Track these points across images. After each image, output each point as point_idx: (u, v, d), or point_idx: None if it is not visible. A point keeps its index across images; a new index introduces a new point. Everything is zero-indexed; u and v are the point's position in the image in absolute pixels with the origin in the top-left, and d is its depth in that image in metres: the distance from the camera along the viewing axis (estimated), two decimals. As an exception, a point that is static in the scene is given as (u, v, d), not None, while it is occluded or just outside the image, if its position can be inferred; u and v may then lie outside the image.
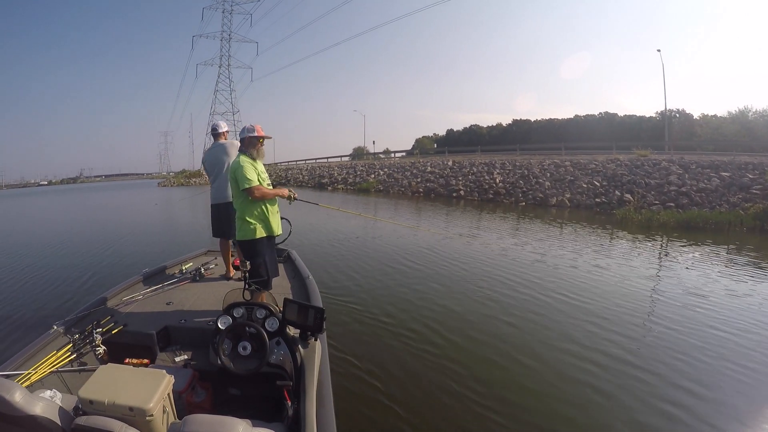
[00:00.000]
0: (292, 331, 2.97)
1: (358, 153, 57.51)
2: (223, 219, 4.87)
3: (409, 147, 56.17)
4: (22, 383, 2.44)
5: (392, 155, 47.53)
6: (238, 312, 2.95)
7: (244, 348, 2.76)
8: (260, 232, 3.69)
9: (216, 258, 5.42)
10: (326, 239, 11.02)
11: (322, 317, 2.81)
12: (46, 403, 1.88)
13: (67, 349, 2.97)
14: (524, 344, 4.73)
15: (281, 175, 45.85)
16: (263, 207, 3.73)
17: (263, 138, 3.83)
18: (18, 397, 1.78)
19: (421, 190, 24.23)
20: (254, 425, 1.98)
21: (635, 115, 48.90)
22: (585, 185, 17.37)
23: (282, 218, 4.05)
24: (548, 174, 20.07)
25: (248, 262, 3.46)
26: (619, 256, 8.55)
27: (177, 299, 4.07)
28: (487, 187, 20.94)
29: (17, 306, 6.51)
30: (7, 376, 2.34)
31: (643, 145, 22.91)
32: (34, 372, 2.65)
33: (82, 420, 1.80)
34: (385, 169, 31.74)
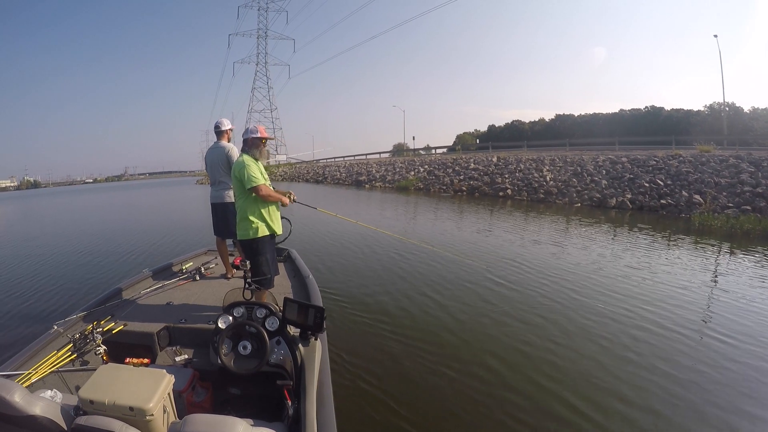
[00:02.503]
0: (293, 331, 2.96)
1: (399, 149, 56.86)
2: (220, 219, 4.94)
3: (449, 143, 54.82)
4: (22, 383, 2.48)
5: (433, 151, 46.58)
6: (238, 311, 2.95)
7: (244, 347, 2.76)
8: (263, 231, 3.72)
9: (216, 257, 5.45)
10: (328, 239, 11.01)
11: (322, 317, 2.81)
12: (46, 403, 1.89)
13: (68, 349, 3.01)
14: (537, 344, 4.67)
15: (319, 173, 45.73)
16: (266, 206, 3.77)
17: (266, 139, 3.91)
18: (18, 397, 1.79)
19: (464, 188, 22.64)
20: (254, 425, 2.01)
21: (682, 109, 46.66)
22: (647, 184, 15.53)
23: (282, 218, 4.08)
24: (604, 171, 18.29)
25: (248, 262, 3.50)
26: (735, 272, 7.08)
27: (177, 299, 4.12)
28: (536, 185, 19.18)
29: (18, 306, 6.60)
30: (8, 376, 2.37)
31: (705, 139, 21.21)
32: (34, 372, 2.68)
33: (82, 420, 1.80)
34: (426, 166, 30.57)
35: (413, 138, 56.89)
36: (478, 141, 54.07)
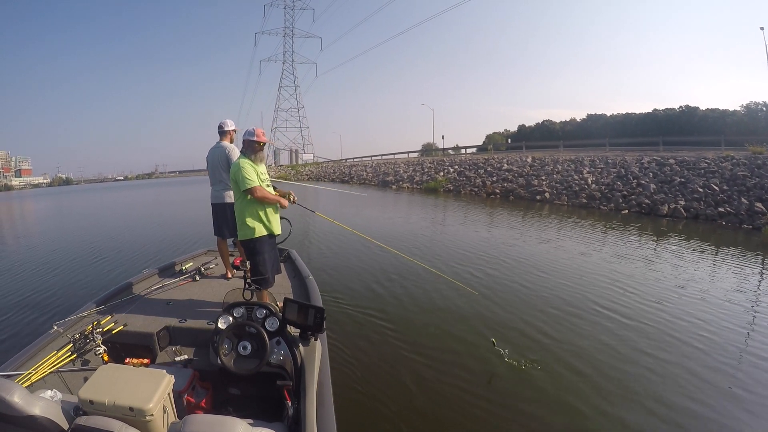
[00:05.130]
0: (293, 331, 2.93)
1: (427, 149, 56.04)
2: (220, 219, 4.93)
3: (478, 143, 53.50)
4: (22, 383, 2.48)
5: (463, 151, 45.50)
6: (238, 312, 2.94)
7: (244, 348, 2.75)
8: (260, 231, 3.76)
9: (216, 258, 5.45)
10: (329, 239, 10.96)
11: (322, 317, 2.79)
12: (46, 403, 1.87)
13: (68, 349, 3.00)
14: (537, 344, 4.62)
15: (345, 172, 45.40)
16: (264, 207, 3.79)
17: (263, 143, 3.94)
18: (18, 397, 1.78)
19: (497, 191, 21.37)
20: (254, 425, 2.01)
21: (718, 109, 44.71)
22: (701, 189, 14.15)
23: (282, 218, 4.08)
24: (651, 174, 16.88)
25: (248, 262, 3.53)
26: None
27: (177, 299, 4.11)
28: (577, 189, 17.81)
29: (18, 306, 6.59)
30: (7, 376, 2.36)
31: (758, 140, 19.77)
32: (34, 372, 2.68)
33: (82, 420, 1.79)
34: (456, 167, 29.69)
35: (442, 137, 55.83)
36: (509, 140, 52.61)
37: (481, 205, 18.51)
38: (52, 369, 2.78)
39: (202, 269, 4.95)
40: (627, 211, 14.87)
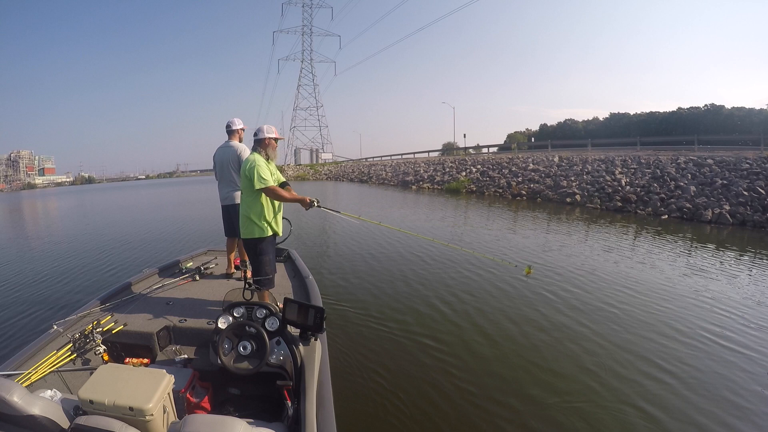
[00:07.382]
0: (293, 331, 2.91)
1: (448, 148, 55.46)
2: (233, 220, 4.82)
3: (499, 142, 52.71)
4: (22, 383, 2.48)
5: (485, 150, 44.67)
6: (238, 311, 2.92)
7: (244, 348, 2.74)
8: (267, 231, 3.73)
9: (216, 257, 5.44)
10: (329, 239, 10.82)
11: (322, 317, 2.77)
12: (46, 403, 1.88)
13: (68, 349, 3.00)
14: (537, 350, 4.54)
15: (364, 172, 45.10)
16: (271, 206, 3.75)
17: (277, 139, 3.88)
18: (18, 397, 1.78)
19: (523, 192, 20.51)
20: (254, 425, 1.99)
21: (744, 108, 43.53)
22: (745, 192, 13.00)
23: (282, 218, 4.04)
24: (689, 175, 15.75)
25: (248, 262, 3.55)
26: None
27: (177, 298, 4.09)
28: (611, 191, 16.63)
29: (18, 305, 6.56)
30: (7, 376, 2.39)
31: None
32: (34, 372, 2.67)
33: (82, 420, 1.78)
34: (478, 166, 28.94)
35: (464, 136, 55.40)
36: (533, 139, 51.79)
37: (510, 208, 17.51)
38: (52, 368, 2.80)
39: (203, 269, 4.96)
40: (666, 216, 13.71)
